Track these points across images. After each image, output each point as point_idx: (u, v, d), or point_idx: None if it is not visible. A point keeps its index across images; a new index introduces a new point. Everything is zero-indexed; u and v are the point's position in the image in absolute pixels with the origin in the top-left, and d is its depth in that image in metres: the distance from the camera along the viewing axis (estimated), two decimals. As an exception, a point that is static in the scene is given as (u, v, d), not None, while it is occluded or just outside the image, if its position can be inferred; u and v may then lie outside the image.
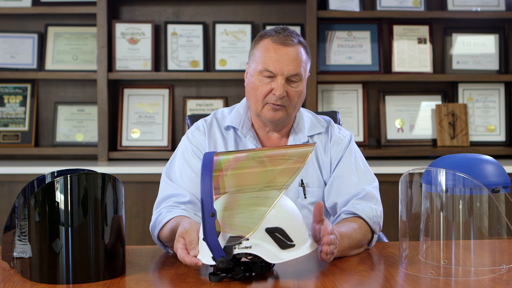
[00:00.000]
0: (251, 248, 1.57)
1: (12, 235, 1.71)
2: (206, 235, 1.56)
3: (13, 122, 3.91)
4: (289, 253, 1.60)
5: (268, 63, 2.02)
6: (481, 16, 3.92)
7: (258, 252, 1.57)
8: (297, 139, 2.13)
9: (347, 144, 2.15)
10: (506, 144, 3.98)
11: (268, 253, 1.58)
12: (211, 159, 1.60)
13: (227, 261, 1.56)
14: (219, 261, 1.56)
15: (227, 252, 1.56)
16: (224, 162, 1.63)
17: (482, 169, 1.71)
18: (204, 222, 1.56)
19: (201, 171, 1.58)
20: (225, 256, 1.56)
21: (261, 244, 1.58)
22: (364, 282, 1.66)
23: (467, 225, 1.74)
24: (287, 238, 1.60)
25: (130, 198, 3.49)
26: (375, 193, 2.07)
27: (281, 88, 2.01)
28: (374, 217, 1.99)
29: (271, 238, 1.59)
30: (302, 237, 1.65)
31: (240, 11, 3.98)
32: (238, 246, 1.57)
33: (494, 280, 1.63)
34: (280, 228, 1.60)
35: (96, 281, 1.63)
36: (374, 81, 3.97)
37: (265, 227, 1.58)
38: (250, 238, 1.57)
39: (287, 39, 2.03)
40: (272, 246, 1.59)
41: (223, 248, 1.57)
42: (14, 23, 3.97)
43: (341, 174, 2.10)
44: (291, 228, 1.61)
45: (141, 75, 3.86)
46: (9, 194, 3.52)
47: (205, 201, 1.56)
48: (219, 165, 1.62)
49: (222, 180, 1.62)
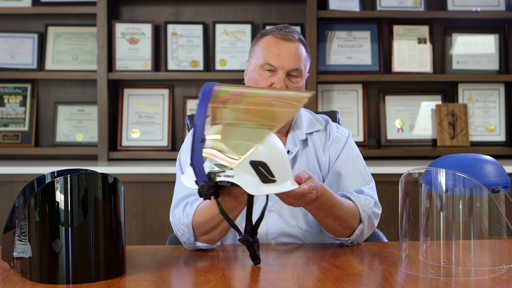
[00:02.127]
0: (233, 178, 1.63)
1: (12, 235, 1.71)
2: (193, 159, 1.62)
3: (13, 122, 3.91)
4: (270, 188, 1.65)
5: (269, 57, 2.04)
6: (481, 16, 3.92)
7: (240, 182, 1.63)
8: (295, 136, 2.14)
9: (345, 142, 2.17)
10: (506, 144, 3.98)
11: (249, 185, 1.63)
12: (211, 89, 1.64)
13: (209, 186, 1.62)
14: (201, 185, 1.62)
15: (210, 178, 1.63)
16: (222, 94, 1.67)
17: (482, 169, 1.71)
18: (193, 146, 1.61)
19: (199, 98, 1.63)
20: (207, 181, 1.62)
21: (244, 175, 1.63)
22: (364, 282, 1.66)
23: (467, 225, 1.74)
24: (270, 173, 1.65)
25: (130, 198, 3.49)
26: (373, 194, 2.08)
27: (281, 81, 2.02)
28: (365, 206, 2.00)
29: (254, 171, 1.64)
30: (285, 175, 1.69)
31: (240, 11, 3.98)
32: (222, 174, 1.63)
33: (494, 280, 1.63)
34: (264, 162, 1.64)
35: (96, 281, 1.63)
36: (374, 81, 3.97)
37: (249, 160, 1.63)
38: (234, 168, 1.63)
39: (288, 35, 2.06)
40: (254, 178, 1.64)
41: (206, 174, 1.62)
42: (14, 23, 3.97)
43: (339, 171, 2.11)
44: (275, 164, 1.66)
45: (141, 75, 3.86)
46: (9, 194, 3.52)
47: (197, 127, 1.61)
48: (217, 96, 1.66)
49: (218, 111, 1.67)
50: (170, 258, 1.89)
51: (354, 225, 1.98)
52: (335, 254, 1.91)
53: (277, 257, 1.90)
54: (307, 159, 2.13)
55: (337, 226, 1.96)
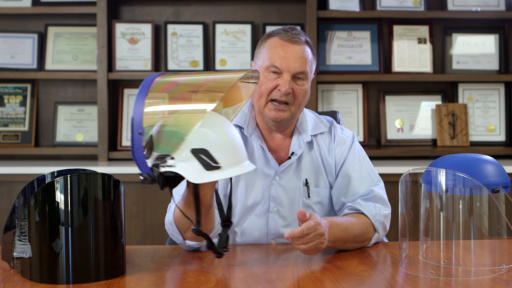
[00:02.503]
0: (175, 167, 1.63)
1: (12, 235, 1.71)
2: (133, 151, 1.64)
3: (13, 122, 3.91)
4: (214, 174, 1.63)
5: (275, 59, 2.03)
6: (481, 16, 3.92)
7: (181, 171, 1.62)
8: (300, 139, 2.13)
9: (350, 144, 2.17)
10: (506, 144, 3.97)
11: (191, 173, 1.62)
12: (150, 81, 1.66)
13: (152, 178, 1.64)
14: (143, 177, 1.64)
15: (154, 169, 1.63)
16: (160, 85, 1.68)
17: (482, 169, 1.71)
18: (132, 139, 1.63)
19: (138, 90, 1.64)
20: (150, 173, 1.64)
21: (186, 164, 1.62)
22: (364, 282, 1.66)
23: (467, 225, 1.74)
24: (212, 159, 1.63)
25: (130, 198, 3.49)
26: (383, 194, 2.08)
27: (287, 84, 2.01)
28: (377, 215, 2.00)
29: (195, 159, 1.63)
30: (232, 160, 1.66)
31: (240, 11, 3.98)
32: (164, 164, 1.63)
33: (494, 280, 1.63)
34: (205, 149, 1.63)
35: (96, 281, 1.63)
36: (374, 81, 3.97)
37: (190, 148, 1.63)
38: (176, 157, 1.63)
39: (295, 37, 2.05)
40: (197, 166, 1.63)
41: (150, 167, 1.64)
42: (14, 23, 3.97)
43: (347, 174, 2.11)
44: (218, 150, 1.64)
45: (141, 75, 3.86)
46: (9, 194, 3.52)
47: (135, 120, 1.63)
48: (156, 88, 1.67)
49: (155, 103, 1.68)
50: (170, 258, 1.89)
51: (370, 236, 2.00)
52: (335, 254, 1.91)
53: (277, 257, 1.90)
54: (311, 161, 2.13)
55: (357, 244, 1.97)
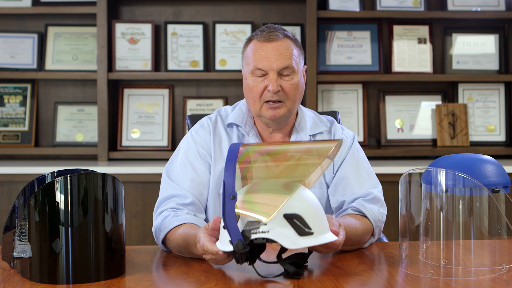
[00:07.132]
0: (268, 233, 1.57)
1: (12, 235, 1.71)
2: (225, 217, 1.58)
3: (13, 122, 3.91)
4: (307, 240, 1.59)
5: (257, 62, 2.04)
6: (481, 16, 3.92)
7: (275, 237, 1.57)
8: (299, 138, 2.13)
9: (350, 144, 2.16)
10: (506, 144, 3.98)
11: (285, 238, 1.58)
12: (237, 149, 1.63)
13: (244, 245, 1.58)
14: (236, 244, 1.58)
15: (245, 236, 1.58)
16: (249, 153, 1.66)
17: (482, 169, 1.71)
18: (224, 204, 1.58)
19: (226, 159, 1.61)
20: (242, 240, 1.58)
21: (279, 229, 1.58)
22: (364, 282, 1.65)
23: (467, 225, 1.74)
24: (305, 225, 1.59)
25: (130, 198, 3.49)
26: (381, 197, 2.08)
27: (274, 83, 2.02)
28: (378, 221, 2.01)
29: (289, 224, 1.58)
30: (322, 227, 1.63)
31: (240, 11, 3.98)
32: (256, 230, 1.58)
33: (494, 280, 1.63)
34: (299, 214, 1.59)
35: (96, 281, 1.63)
36: (374, 81, 3.97)
37: (283, 213, 1.58)
38: (268, 223, 1.57)
39: (271, 35, 2.05)
40: (290, 231, 1.58)
41: (241, 232, 1.58)
42: (14, 23, 3.97)
43: (345, 175, 2.10)
44: (310, 216, 1.61)
45: (141, 75, 3.86)
46: (9, 194, 3.52)
47: (227, 185, 1.58)
48: (245, 155, 1.65)
49: (245, 170, 1.65)
50: (170, 258, 1.89)
51: (368, 239, 2.00)
52: (335, 254, 1.91)
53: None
54: None
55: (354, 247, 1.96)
